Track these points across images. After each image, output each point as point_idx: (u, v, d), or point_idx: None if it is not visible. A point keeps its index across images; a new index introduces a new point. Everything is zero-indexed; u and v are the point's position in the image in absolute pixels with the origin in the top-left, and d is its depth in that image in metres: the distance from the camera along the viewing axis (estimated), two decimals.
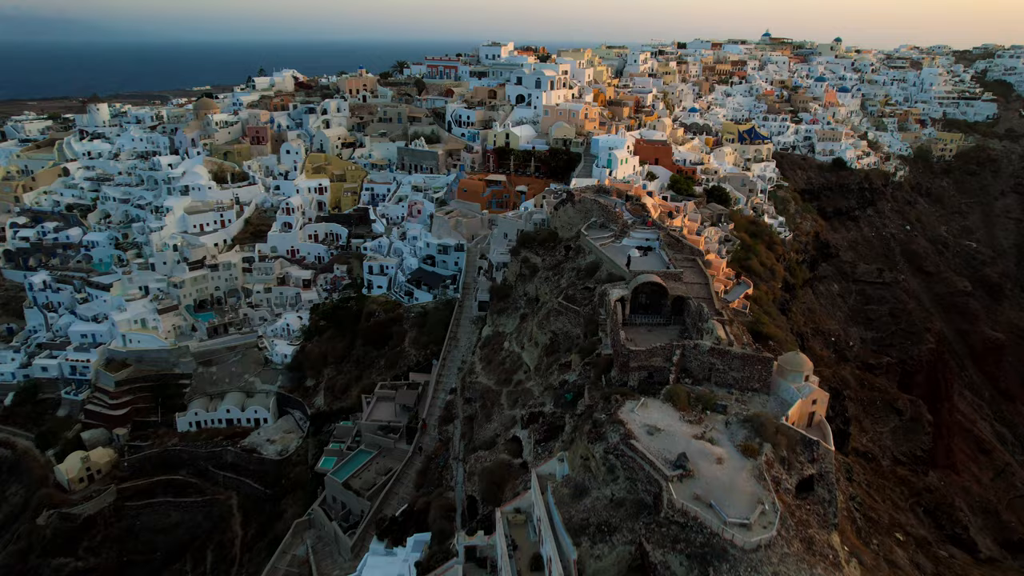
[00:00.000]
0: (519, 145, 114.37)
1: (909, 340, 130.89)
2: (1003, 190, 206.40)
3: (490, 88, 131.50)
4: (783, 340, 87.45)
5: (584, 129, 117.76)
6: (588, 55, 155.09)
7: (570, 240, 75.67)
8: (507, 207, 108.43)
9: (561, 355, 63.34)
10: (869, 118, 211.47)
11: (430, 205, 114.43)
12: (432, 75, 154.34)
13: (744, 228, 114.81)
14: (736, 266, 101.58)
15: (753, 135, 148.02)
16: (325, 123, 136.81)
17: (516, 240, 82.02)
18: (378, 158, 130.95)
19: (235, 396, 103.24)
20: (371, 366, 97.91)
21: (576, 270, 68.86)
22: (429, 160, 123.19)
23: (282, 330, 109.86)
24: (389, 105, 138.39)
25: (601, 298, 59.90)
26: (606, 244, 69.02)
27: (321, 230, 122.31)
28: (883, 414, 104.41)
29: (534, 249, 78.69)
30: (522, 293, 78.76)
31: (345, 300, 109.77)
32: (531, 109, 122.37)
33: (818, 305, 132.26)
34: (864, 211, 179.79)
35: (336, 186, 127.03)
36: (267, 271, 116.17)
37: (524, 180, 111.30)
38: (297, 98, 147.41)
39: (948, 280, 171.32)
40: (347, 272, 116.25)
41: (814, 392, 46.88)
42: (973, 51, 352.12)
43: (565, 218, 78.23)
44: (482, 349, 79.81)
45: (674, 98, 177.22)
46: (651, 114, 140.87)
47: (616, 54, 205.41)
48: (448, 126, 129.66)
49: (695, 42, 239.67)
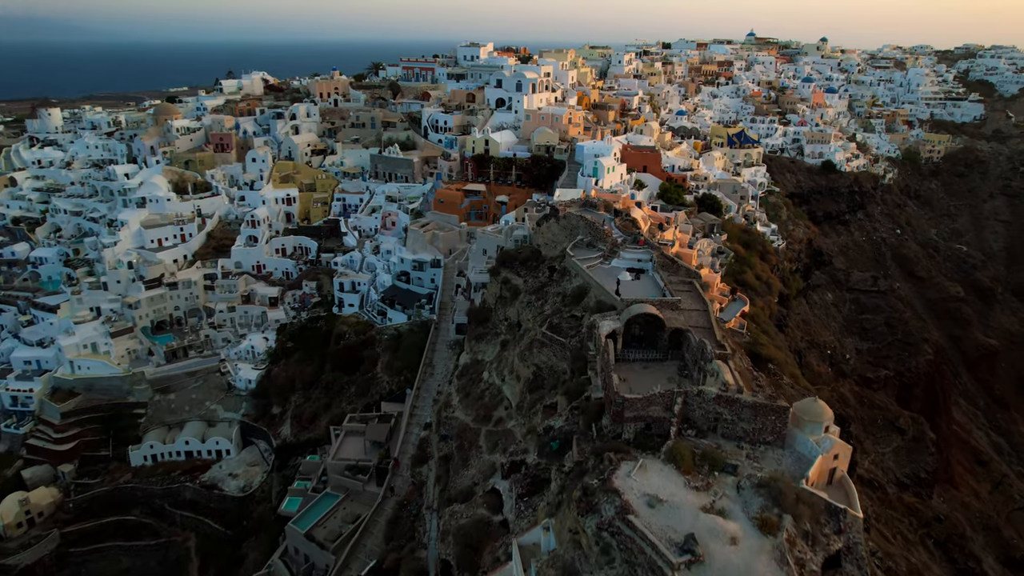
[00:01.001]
0: (499, 152, 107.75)
1: (906, 351, 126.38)
2: (991, 192, 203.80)
3: (468, 91, 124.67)
4: (783, 362, 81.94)
5: (568, 135, 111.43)
6: (571, 56, 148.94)
7: (554, 260, 69.19)
8: (487, 219, 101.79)
9: (545, 392, 56.89)
10: (857, 119, 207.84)
11: (405, 217, 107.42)
12: (408, 77, 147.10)
13: (737, 238, 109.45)
14: (731, 280, 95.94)
15: (743, 139, 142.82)
16: (294, 129, 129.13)
17: (496, 258, 75.36)
18: (350, 166, 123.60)
19: (195, 426, 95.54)
20: (341, 393, 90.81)
21: (561, 295, 62.39)
22: (404, 168, 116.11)
23: (246, 353, 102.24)
24: (362, 109, 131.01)
25: (590, 331, 53.49)
26: (594, 266, 62.64)
27: (289, 243, 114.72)
28: (884, 433, 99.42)
29: (515, 269, 72.11)
30: (502, 317, 72.17)
31: (314, 320, 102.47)
32: (512, 113, 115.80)
33: (812, 316, 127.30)
34: (854, 215, 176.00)
35: (305, 196, 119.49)
36: (231, 289, 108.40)
37: (505, 190, 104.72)
38: (265, 102, 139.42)
39: (940, 285, 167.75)
40: (316, 289, 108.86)
41: (836, 446, 40.75)
42: (955, 51, 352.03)
43: (549, 235, 71.74)
44: (459, 379, 73.08)
45: (660, 100, 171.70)
46: (637, 117, 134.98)
47: (600, 54, 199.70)
48: (424, 131, 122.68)
49: (680, 42, 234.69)
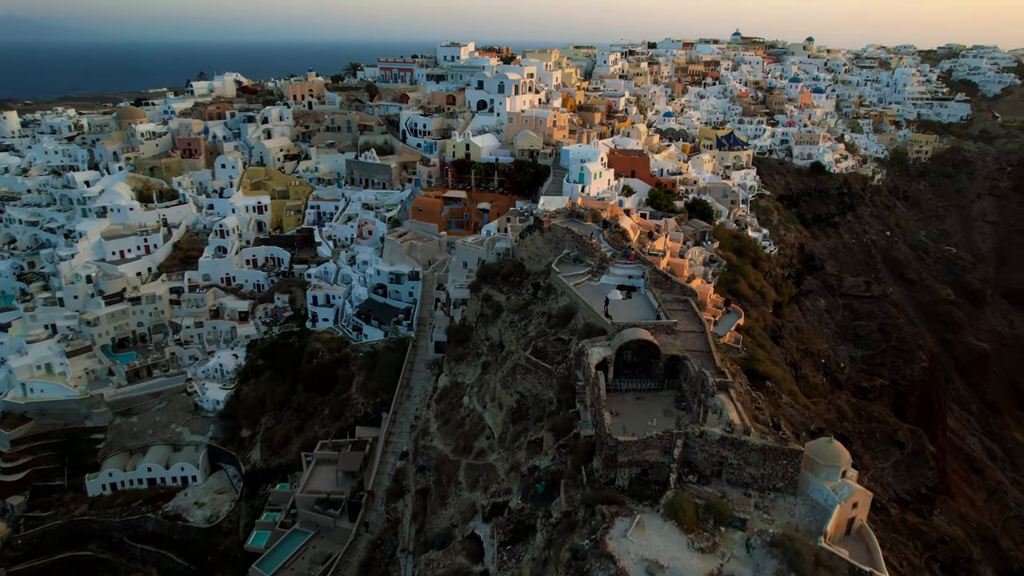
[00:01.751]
0: (481, 157, 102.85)
1: (901, 359, 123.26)
2: (979, 193, 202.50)
3: (449, 93, 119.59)
4: (781, 379, 77.87)
5: (552, 138, 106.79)
6: (555, 56, 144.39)
7: (539, 276, 64.46)
8: (468, 228, 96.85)
9: (530, 424, 52.17)
10: (844, 119, 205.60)
11: (382, 225, 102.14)
12: (386, 79, 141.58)
13: (728, 244, 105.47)
14: (723, 291, 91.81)
15: (732, 141, 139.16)
16: (266, 133, 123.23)
17: (476, 273, 70.47)
18: (325, 172, 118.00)
19: (159, 451, 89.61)
20: (314, 415, 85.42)
21: (546, 315, 57.65)
22: (381, 174, 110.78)
23: (214, 371, 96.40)
24: (337, 112, 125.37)
25: (578, 358, 48.82)
26: (582, 283, 57.97)
27: (260, 254, 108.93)
28: (883, 447, 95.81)
29: (497, 285, 67.26)
30: (484, 337, 67.32)
31: (286, 335, 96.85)
32: (494, 116, 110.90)
33: (805, 323, 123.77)
34: (844, 217, 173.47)
35: (277, 204, 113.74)
36: (198, 303, 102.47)
37: (487, 196, 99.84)
38: (236, 105, 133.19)
39: (931, 288, 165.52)
40: (289, 302, 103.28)
41: (856, 494, 36.34)
42: (938, 51, 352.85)
43: (532, 248, 66.99)
44: (438, 403, 68.14)
45: (647, 101, 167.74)
46: (624, 120, 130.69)
47: (585, 54, 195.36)
48: (402, 135, 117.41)
49: (666, 42, 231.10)
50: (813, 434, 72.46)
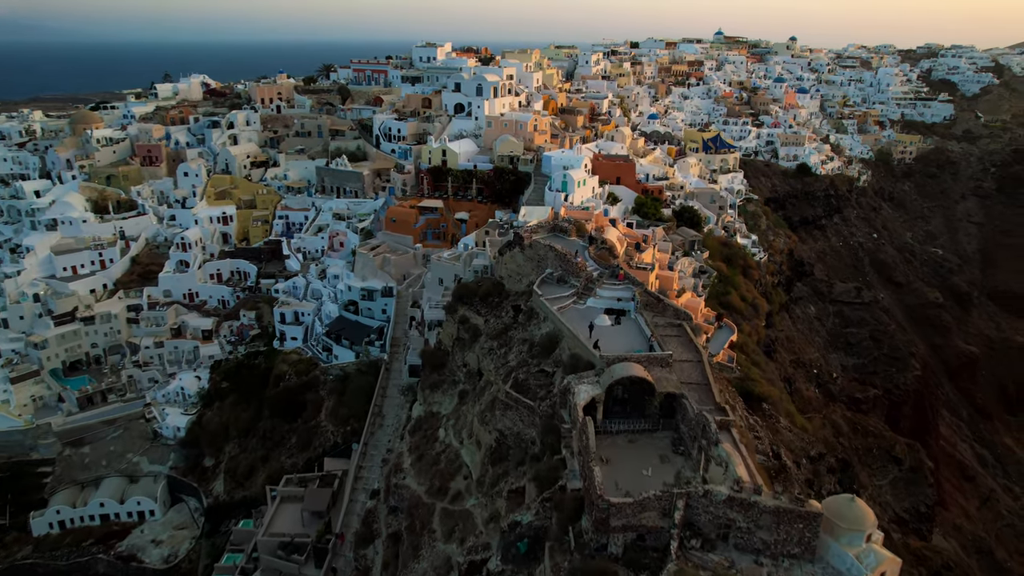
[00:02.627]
0: (458, 164, 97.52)
1: (893, 367, 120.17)
2: (963, 193, 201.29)
3: (424, 95, 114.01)
4: (777, 400, 73.59)
5: (533, 143, 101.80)
6: (536, 56, 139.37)
7: (520, 297, 59.36)
8: (445, 239, 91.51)
9: (511, 467, 47.09)
10: (829, 120, 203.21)
11: (354, 237, 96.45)
12: (358, 80, 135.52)
13: (717, 252, 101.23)
14: (715, 303, 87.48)
15: (719, 143, 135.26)
16: (232, 139, 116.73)
17: (452, 293, 65.19)
18: (294, 179, 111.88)
19: (113, 483, 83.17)
20: (281, 444, 79.55)
21: (528, 343, 52.56)
22: (353, 182, 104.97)
23: (175, 395, 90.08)
24: (307, 116, 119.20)
25: (563, 396, 43.83)
26: (566, 307, 52.97)
27: (225, 268, 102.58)
28: (881, 464, 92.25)
29: (474, 307, 62.05)
30: (461, 363, 62.10)
31: (252, 356, 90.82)
32: (472, 120, 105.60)
33: (796, 331, 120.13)
34: (831, 219, 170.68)
35: (244, 214, 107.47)
36: (158, 321, 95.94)
37: (465, 206, 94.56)
38: (200, 109, 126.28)
39: (919, 291, 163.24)
40: (256, 319, 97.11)
41: (884, 562, 31.69)
42: (917, 50, 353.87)
43: (512, 266, 61.88)
44: (412, 435, 62.79)
45: (630, 102, 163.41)
46: (608, 123, 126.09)
47: (566, 54, 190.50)
48: (376, 140, 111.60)
49: (648, 41, 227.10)
50: (813, 460, 68.35)
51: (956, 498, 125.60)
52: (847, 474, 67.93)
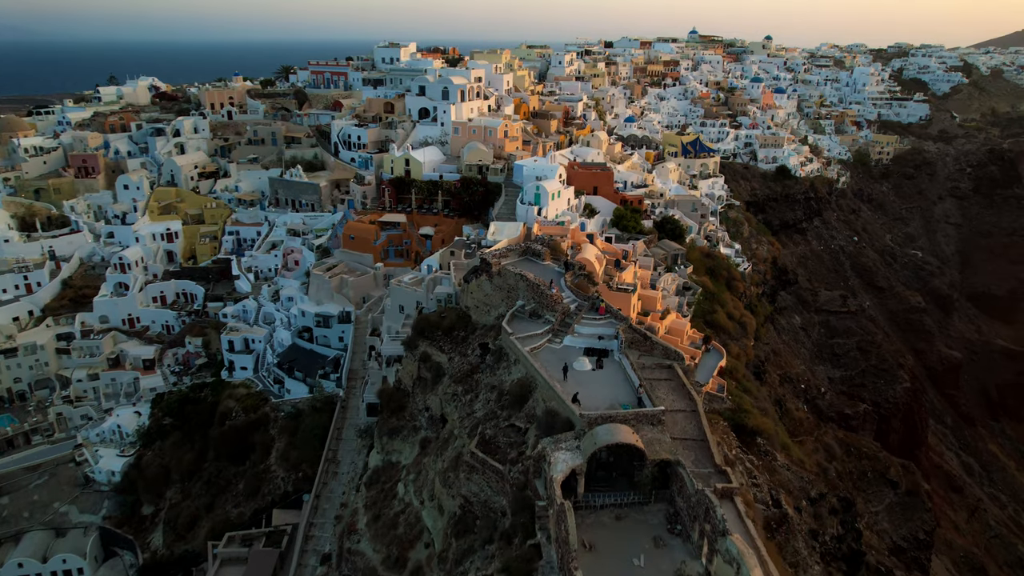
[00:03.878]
0: (423, 174, 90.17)
1: (882, 379, 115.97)
2: (940, 194, 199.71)
3: (387, 100, 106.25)
4: (772, 433, 67.76)
5: (504, 151, 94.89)
6: (506, 57, 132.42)
7: (487, 332, 52.35)
8: (408, 257, 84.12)
9: (477, 544, 40.12)
10: (806, 120, 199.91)
11: (310, 255, 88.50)
12: (317, 83, 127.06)
13: (700, 264, 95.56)
14: (700, 323, 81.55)
15: (698, 147, 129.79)
16: (179, 147, 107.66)
17: (412, 326, 57.91)
18: (247, 191, 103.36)
19: (36, 538, 74.05)
20: (227, 490, 71.47)
21: (497, 391, 45.58)
22: (309, 194, 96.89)
23: (111, 434, 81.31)
24: (261, 123, 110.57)
25: (537, 464, 37.01)
26: (540, 347, 46.12)
27: (170, 290, 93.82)
28: (876, 488, 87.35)
29: (437, 342, 54.89)
30: (422, 407, 54.92)
31: (198, 388, 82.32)
32: (437, 126, 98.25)
33: (781, 343, 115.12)
34: (811, 223, 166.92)
35: (190, 230, 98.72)
36: (93, 351, 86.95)
37: (430, 220, 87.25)
38: (144, 115, 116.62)
39: (900, 295, 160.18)
40: (203, 346, 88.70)
41: None
42: (888, 49, 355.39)
43: (479, 296, 54.85)
44: (368, 489, 55.47)
45: (605, 104, 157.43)
46: (583, 127, 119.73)
47: (538, 54, 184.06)
48: (334, 148, 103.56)
49: (623, 40, 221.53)
50: (813, 501, 62.69)
51: (946, 512, 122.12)
52: (849, 514, 62.43)
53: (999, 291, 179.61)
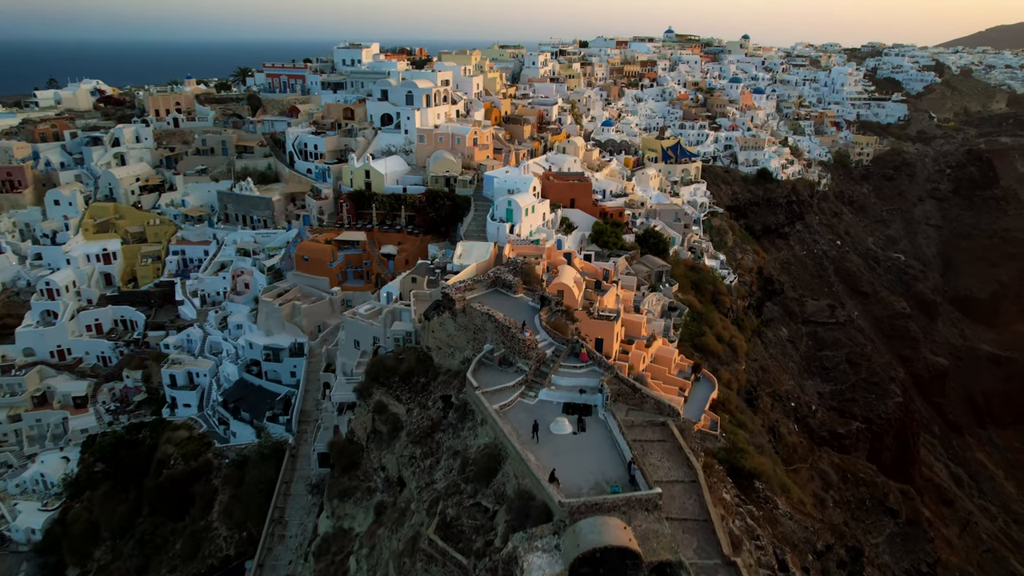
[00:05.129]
0: (384, 186, 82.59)
1: (873, 394, 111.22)
2: (920, 196, 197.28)
3: (347, 105, 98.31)
4: (771, 475, 61.56)
5: (473, 160, 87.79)
6: (476, 58, 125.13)
7: (451, 379, 45.20)
8: (369, 280, 76.53)
9: None
10: (786, 121, 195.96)
11: (261, 277, 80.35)
12: (272, 87, 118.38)
13: (685, 279, 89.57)
14: (688, 347, 75.42)
15: (679, 152, 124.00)
16: (119, 158, 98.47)
17: (366, 371, 50.50)
18: (195, 206, 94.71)
19: None
20: (162, 550, 63.28)
21: (461, 459, 38.45)
22: (261, 209, 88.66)
23: (33, 484, 72.45)
24: (210, 131, 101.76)
25: (508, 568, 30.02)
26: (511, 404, 39.13)
27: (106, 317, 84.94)
28: (875, 518, 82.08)
29: (394, 390, 47.57)
30: (378, 465, 47.57)
31: (136, 428, 73.88)
32: (401, 134, 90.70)
33: (768, 357, 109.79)
34: (793, 227, 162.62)
35: (131, 250, 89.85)
36: (15, 388, 77.86)
37: (392, 237, 79.73)
38: (80, 123, 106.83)
39: (885, 301, 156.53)
40: (143, 380, 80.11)
41: None
42: (862, 49, 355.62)
43: (442, 335, 47.65)
44: (317, 559, 47.97)
45: (581, 106, 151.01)
46: (558, 132, 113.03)
47: (511, 55, 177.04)
48: (290, 158, 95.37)
49: (598, 40, 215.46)
50: (819, 555, 56.73)
51: (938, 527, 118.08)
52: (857, 564, 56.64)
53: (981, 294, 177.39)
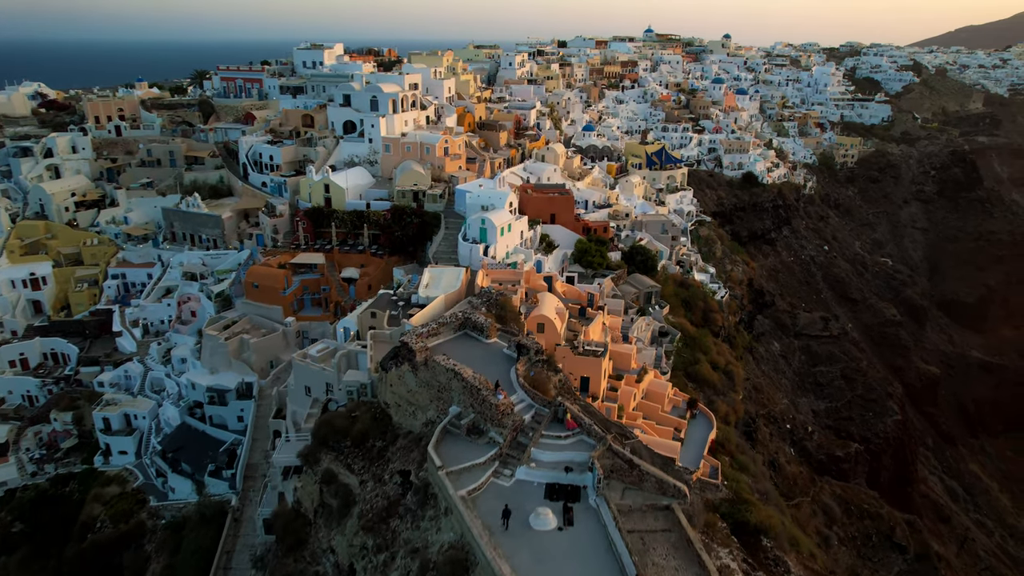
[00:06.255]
0: (346, 202, 74.84)
1: (871, 411, 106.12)
2: (905, 198, 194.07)
3: (306, 111, 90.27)
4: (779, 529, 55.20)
5: (444, 171, 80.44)
6: (448, 59, 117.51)
7: (412, 447, 37.87)
8: (327, 308, 68.77)
9: None
10: (769, 122, 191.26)
11: (209, 305, 72.14)
12: (227, 92, 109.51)
13: (674, 296, 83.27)
14: (681, 376, 68.98)
15: (664, 158, 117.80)
16: (53, 171, 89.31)
17: (313, 431, 42.95)
18: (139, 223, 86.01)
19: None
20: None
21: (420, 561, 31.10)
22: (210, 227, 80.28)
23: None
24: (156, 140, 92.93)
25: None
26: (483, 488, 31.90)
27: (34, 351, 76.00)
28: (882, 554, 76.45)
29: (345, 456, 40.11)
30: (327, 546, 40.06)
31: (62, 481, 65.31)
32: (365, 143, 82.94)
33: (761, 374, 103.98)
34: (780, 232, 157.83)
35: (64, 273, 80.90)
36: None
37: (354, 259, 72.01)
38: (8, 131, 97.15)
39: (875, 308, 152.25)
40: (74, 423, 71.35)
41: None
42: (840, 48, 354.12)
43: (402, 391, 40.28)
44: None
45: (561, 109, 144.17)
46: (537, 138, 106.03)
47: (487, 55, 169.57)
48: (243, 170, 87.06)
49: (577, 40, 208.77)
50: None
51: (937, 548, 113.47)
52: None
53: (968, 299, 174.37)
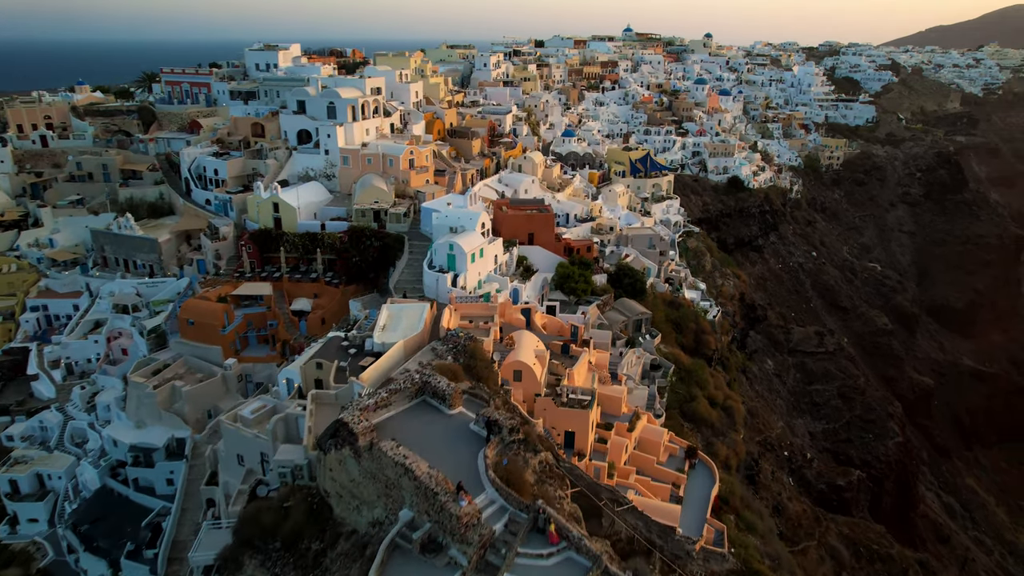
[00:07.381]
0: (298, 223, 66.35)
1: (870, 433, 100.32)
2: (892, 201, 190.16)
3: (257, 119, 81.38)
4: None
5: (410, 186, 72.32)
6: (417, 60, 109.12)
7: (356, 555, 29.83)
8: (275, 346, 60.24)
9: None
10: (753, 124, 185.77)
11: (142, 342, 63.17)
12: (172, 98, 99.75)
13: (665, 318, 76.27)
14: (677, 417, 61.77)
15: (649, 165, 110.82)
16: None
17: (235, 529, 34.70)
18: (66, 247, 76.49)
19: None
20: None
21: None
22: (145, 252, 71.14)
23: None
24: (88, 151, 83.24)
25: None
26: None
27: None
28: None
29: (273, 562, 31.90)
30: None
31: None
32: (321, 154, 74.42)
33: (756, 397, 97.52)
34: (767, 238, 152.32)
35: None
36: None
37: (307, 289, 63.59)
38: None
39: (865, 316, 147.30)
40: None
41: None
42: (819, 48, 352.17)
43: (343, 479, 32.16)
44: None
45: (539, 113, 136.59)
46: (513, 146, 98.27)
47: (461, 55, 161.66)
48: (186, 185, 77.95)
49: (555, 39, 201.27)
50: None
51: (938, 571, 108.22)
52: None
53: (957, 303, 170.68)
